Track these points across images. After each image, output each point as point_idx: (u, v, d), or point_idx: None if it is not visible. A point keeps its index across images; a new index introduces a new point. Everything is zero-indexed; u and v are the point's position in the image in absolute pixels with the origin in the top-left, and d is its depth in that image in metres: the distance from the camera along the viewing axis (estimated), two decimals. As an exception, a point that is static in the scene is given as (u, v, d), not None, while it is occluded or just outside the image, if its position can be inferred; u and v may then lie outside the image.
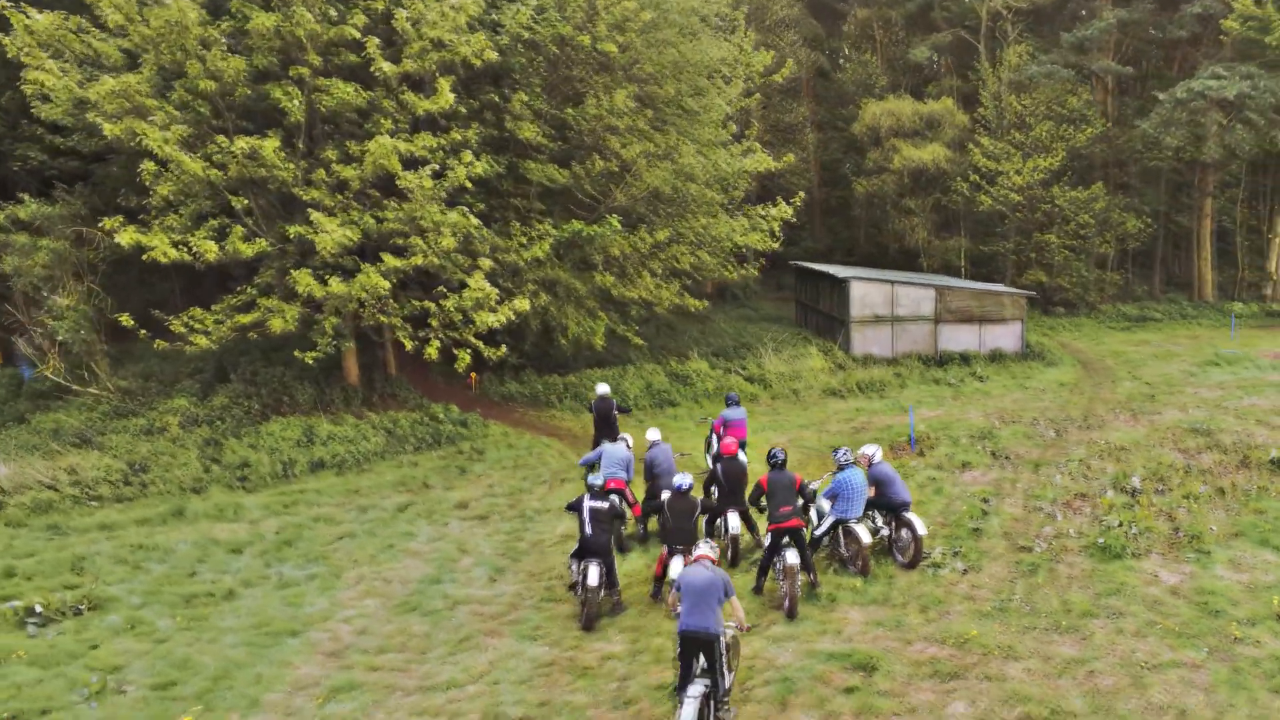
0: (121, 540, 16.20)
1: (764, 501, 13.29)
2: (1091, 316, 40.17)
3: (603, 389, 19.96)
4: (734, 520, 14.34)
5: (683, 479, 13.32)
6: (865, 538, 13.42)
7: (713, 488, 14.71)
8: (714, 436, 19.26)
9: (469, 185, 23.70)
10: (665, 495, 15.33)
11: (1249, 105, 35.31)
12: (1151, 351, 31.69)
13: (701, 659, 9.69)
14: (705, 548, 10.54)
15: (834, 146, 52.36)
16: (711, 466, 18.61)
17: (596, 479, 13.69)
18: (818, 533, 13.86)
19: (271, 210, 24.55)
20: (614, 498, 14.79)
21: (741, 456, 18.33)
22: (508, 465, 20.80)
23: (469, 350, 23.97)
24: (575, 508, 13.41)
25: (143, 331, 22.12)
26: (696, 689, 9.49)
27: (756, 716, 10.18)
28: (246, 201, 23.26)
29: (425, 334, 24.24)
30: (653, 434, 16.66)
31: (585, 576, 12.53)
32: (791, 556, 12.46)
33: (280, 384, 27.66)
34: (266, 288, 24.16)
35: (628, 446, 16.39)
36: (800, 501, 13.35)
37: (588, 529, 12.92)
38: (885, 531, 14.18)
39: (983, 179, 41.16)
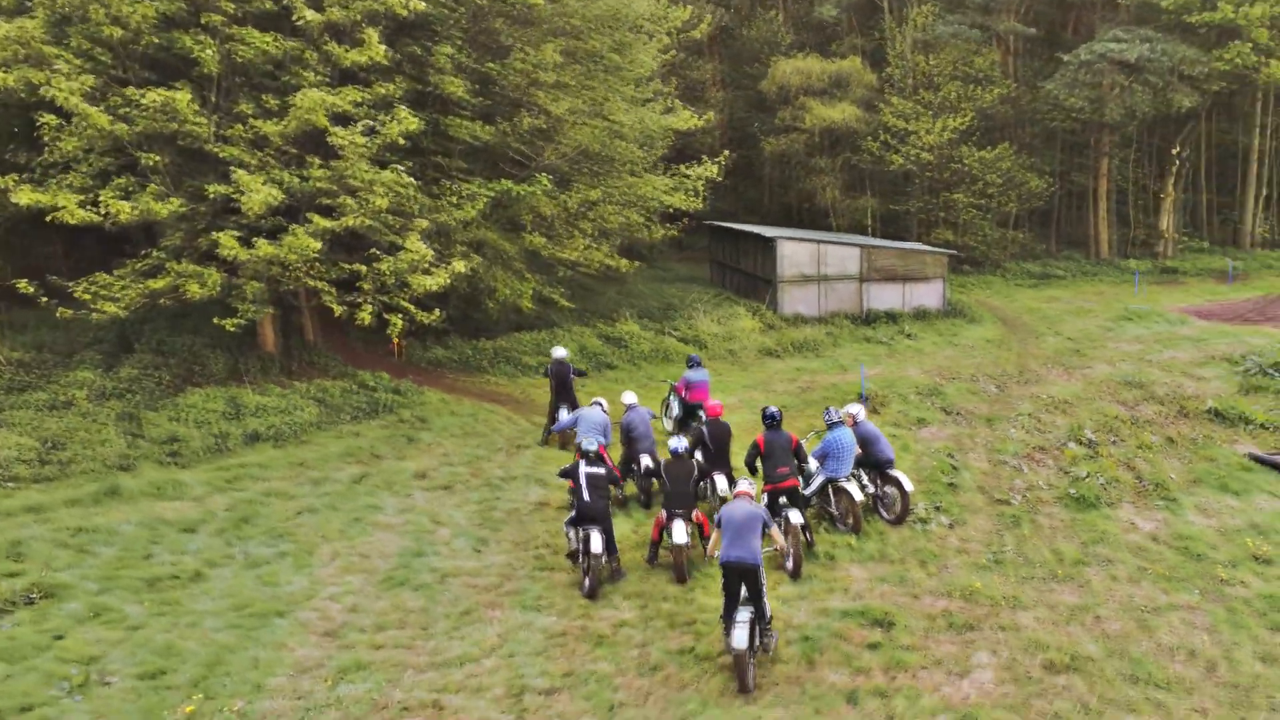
0: (56, 524, 15.26)
1: (758, 463, 13.42)
2: (999, 274, 41.78)
3: (559, 352, 19.77)
4: (721, 482, 14.46)
5: (678, 442, 13.35)
6: (858, 495, 13.74)
7: (697, 450, 14.76)
8: (673, 398, 19.36)
9: (401, 142, 22.99)
10: (644, 460, 15.40)
11: (1148, 67, 37.09)
12: (1064, 308, 33.22)
13: (744, 588, 10.48)
14: (745, 484, 11.27)
15: (739, 105, 52.71)
16: (673, 429, 18.79)
17: (590, 444, 13.59)
18: (807, 492, 14.08)
19: (180, 168, 23.32)
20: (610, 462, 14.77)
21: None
22: (457, 433, 20.43)
23: (401, 315, 23.41)
24: (570, 474, 13.29)
25: (44, 299, 20.76)
26: (744, 614, 10.28)
27: (787, 676, 10.37)
28: (157, 158, 22.02)
29: (355, 299, 23.54)
30: (629, 397, 16.59)
31: (587, 544, 12.45)
32: (795, 516, 12.67)
33: (190, 353, 26.41)
34: (175, 251, 22.98)
35: (603, 410, 16.31)
36: (795, 462, 13.56)
37: (585, 495, 12.83)
38: (870, 489, 14.54)
39: (893, 138, 42.12)
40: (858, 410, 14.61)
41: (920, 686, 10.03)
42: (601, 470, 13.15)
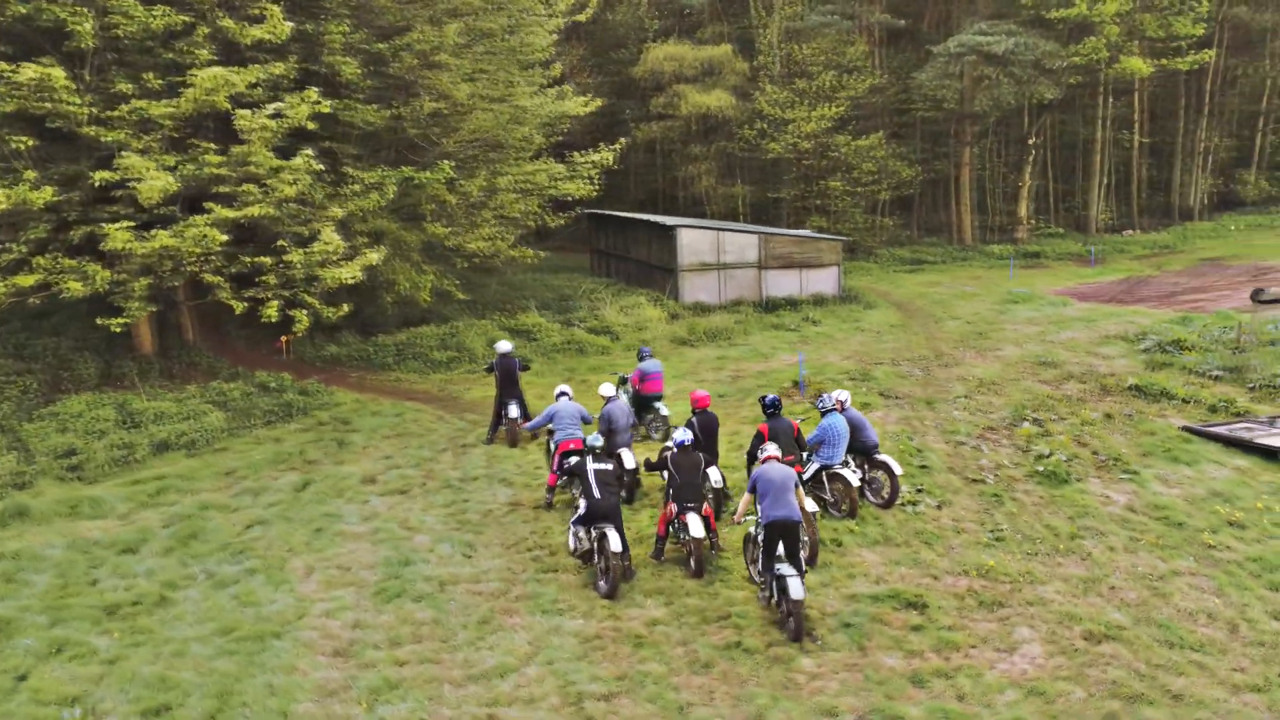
0: (-35, 552, 13.89)
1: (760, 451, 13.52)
2: (873, 260, 43.52)
3: (504, 346, 19.35)
4: (715, 473, 14.50)
5: (684, 434, 13.31)
6: (854, 481, 14.09)
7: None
8: (621, 391, 19.32)
9: (310, 126, 21.94)
10: (624, 455, 15.26)
11: (1014, 60, 39.43)
12: (948, 292, 34.92)
13: (782, 545, 11.35)
14: (772, 449, 12.10)
15: (605, 91, 52.75)
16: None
17: (597, 440, 13.38)
18: (804, 478, 14.32)
19: (46, 152, 21.53)
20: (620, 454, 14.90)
21: (661, 405, 18.63)
22: (389, 435, 19.69)
23: (307, 311, 22.43)
24: (575, 471, 13.06)
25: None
26: (788, 567, 11.20)
27: (845, 663, 10.55)
28: (30, 141, 20.25)
29: (255, 294, 22.38)
30: (606, 389, 16.36)
31: (605, 542, 12.27)
32: (810, 504, 12.87)
33: (56, 357, 24.56)
34: (40, 244, 21.22)
35: (569, 401, 16.10)
36: (799, 450, 13.76)
37: (596, 493, 12.63)
38: (859, 474, 14.91)
39: (770, 126, 43.17)
40: (845, 396, 14.95)
41: (977, 665, 10.41)
42: (609, 466, 12.99)
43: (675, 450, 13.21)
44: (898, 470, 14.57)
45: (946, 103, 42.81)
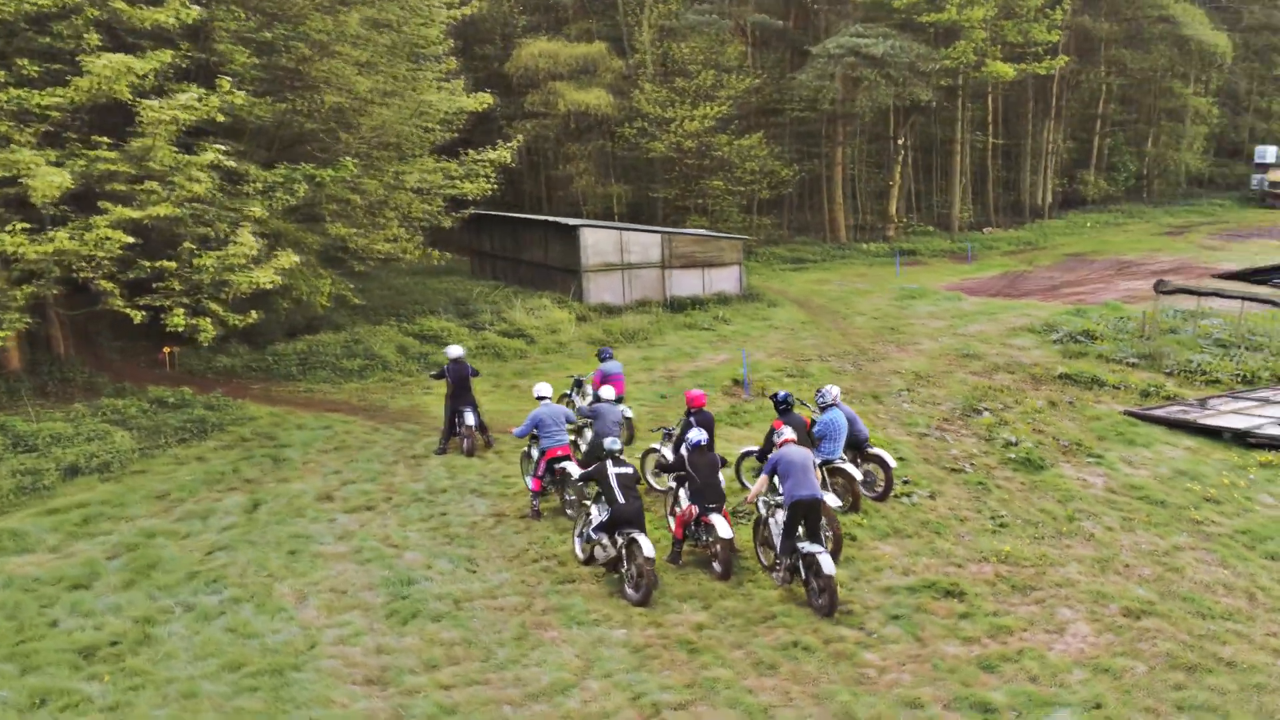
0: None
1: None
2: (756, 259, 44.37)
3: (455, 351, 18.76)
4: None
5: (700, 434, 13.24)
6: (857, 475, 14.38)
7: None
8: (576, 394, 19.15)
9: (220, 119, 20.71)
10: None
11: (891, 62, 41.14)
12: (841, 289, 36.05)
13: (803, 526, 11.92)
14: (789, 432, 12.73)
15: (472, 87, 51.90)
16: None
17: (614, 443, 13.12)
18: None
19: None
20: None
21: (625, 408, 18.51)
22: (326, 449, 18.77)
23: (210, 319, 21.23)
24: (594, 476, 12.79)
25: None
26: (814, 545, 11.73)
27: (907, 654, 10.72)
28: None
29: (153, 301, 21.01)
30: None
31: (635, 548, 12.07)
32: (831, 499, 13.04)
33: (-98, 375, 22.28)
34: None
35: (552, 405, 15.76)
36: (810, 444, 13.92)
37: (620, 497, 12.41)
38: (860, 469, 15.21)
39: (651, 125, 43.51)
40: (837, 392, 15.20)
41: (1035, 647, 10.78)
42: (630, 470, 12.80)
43: (691, 451, 13.13)
44: (892, 463, 14.94)
45: (823, 103, 44.22)
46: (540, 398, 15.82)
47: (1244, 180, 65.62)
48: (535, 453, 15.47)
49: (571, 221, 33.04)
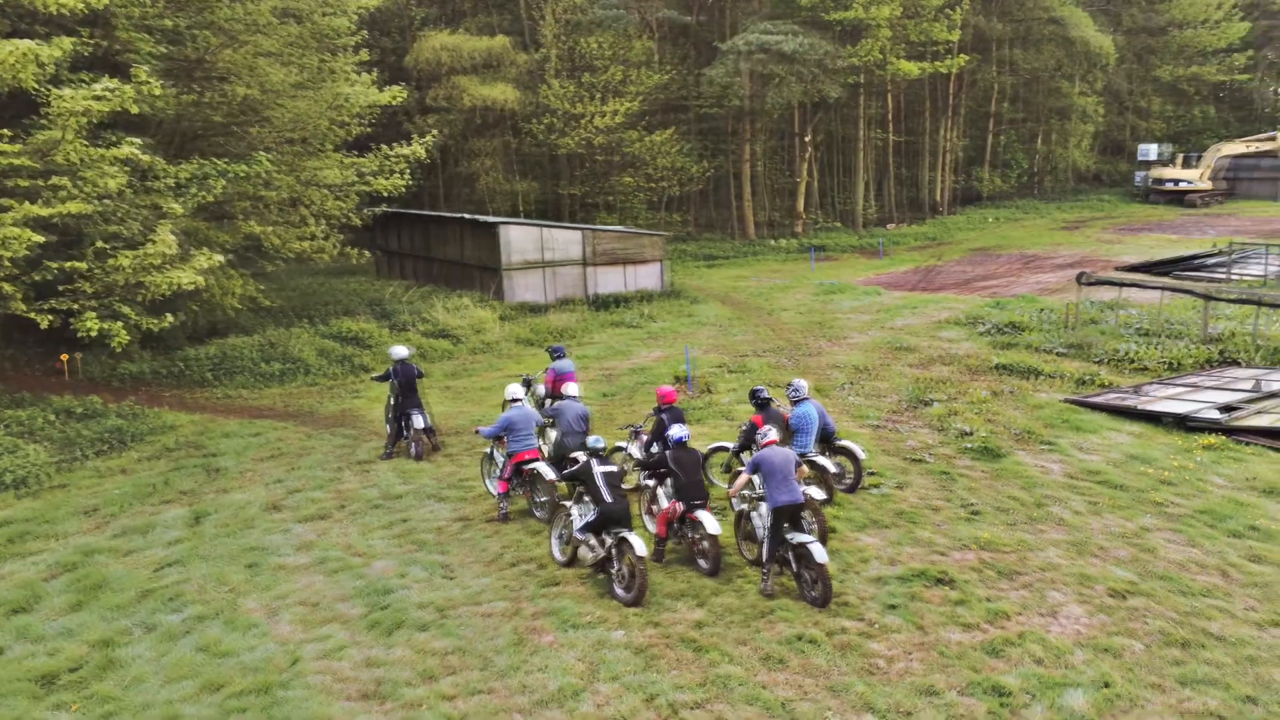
0: None
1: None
2: (668, 257, 44.59)
3: (400, 352, 18.25)
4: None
5: (683, 431, 13.17)
6: (832, 468, 14.51)
7: (654, 443, 14.66)
8: (539, 388, 18.91)
9: (135, 110, 19.75)
10: (579, 456, 14.88)
11: (801, 59, 41.80)
12: (762, 285, 36.46)
13: (787, 525, 11.92)
14: (773, 433, 12.57)
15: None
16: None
17: (598, 440, 12.94)
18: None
19: None
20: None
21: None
22: (262, 457, 18.09)
23: (123, 323, 20.35)
24: (578, 475, 12.60)
25: None
26: (803, 535, 11.83)
27: (913, 643, 10.84)
28: None
29: (61, 304, 20.02)
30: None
31: (626, 547, 11.94)
32: (816, 492, 13.13)
33: None
34: None
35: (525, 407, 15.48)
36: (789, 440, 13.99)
37: (607, 496, 12.26)
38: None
39: (559, 120, 43.28)
40: (804, 385, 15.32)
41: (1035, 630, 11.05)
42: (615, 468, 12.65)
43: (674, 447, 13.06)
44: (861, 455, 15.15)
45: (731, 100, 44.68)
46: (513, 400, 15.47)
47: (1128, 177, 68.91)
48: (499, 455, 15.19)
49: (491, 219, 32.63)
